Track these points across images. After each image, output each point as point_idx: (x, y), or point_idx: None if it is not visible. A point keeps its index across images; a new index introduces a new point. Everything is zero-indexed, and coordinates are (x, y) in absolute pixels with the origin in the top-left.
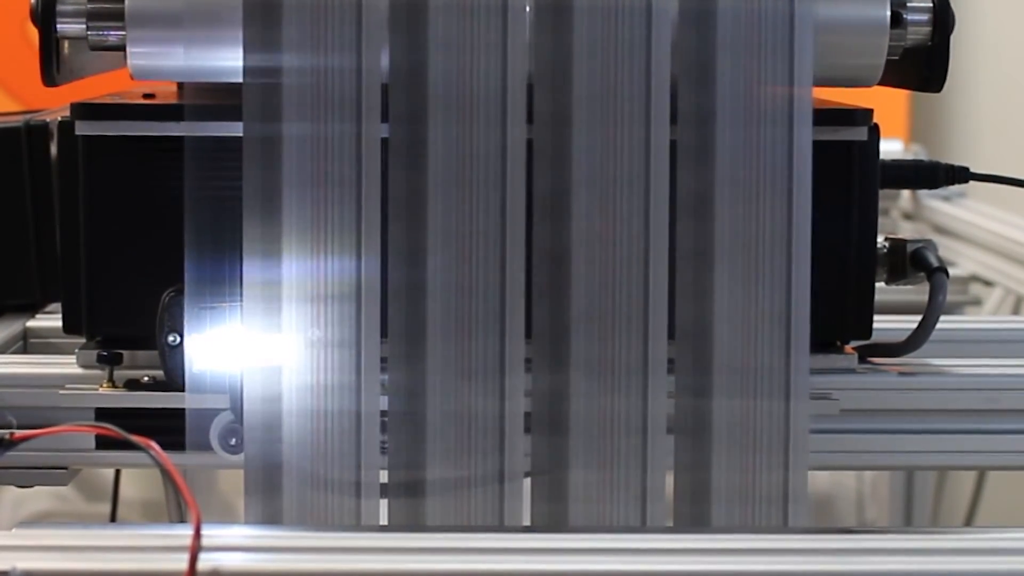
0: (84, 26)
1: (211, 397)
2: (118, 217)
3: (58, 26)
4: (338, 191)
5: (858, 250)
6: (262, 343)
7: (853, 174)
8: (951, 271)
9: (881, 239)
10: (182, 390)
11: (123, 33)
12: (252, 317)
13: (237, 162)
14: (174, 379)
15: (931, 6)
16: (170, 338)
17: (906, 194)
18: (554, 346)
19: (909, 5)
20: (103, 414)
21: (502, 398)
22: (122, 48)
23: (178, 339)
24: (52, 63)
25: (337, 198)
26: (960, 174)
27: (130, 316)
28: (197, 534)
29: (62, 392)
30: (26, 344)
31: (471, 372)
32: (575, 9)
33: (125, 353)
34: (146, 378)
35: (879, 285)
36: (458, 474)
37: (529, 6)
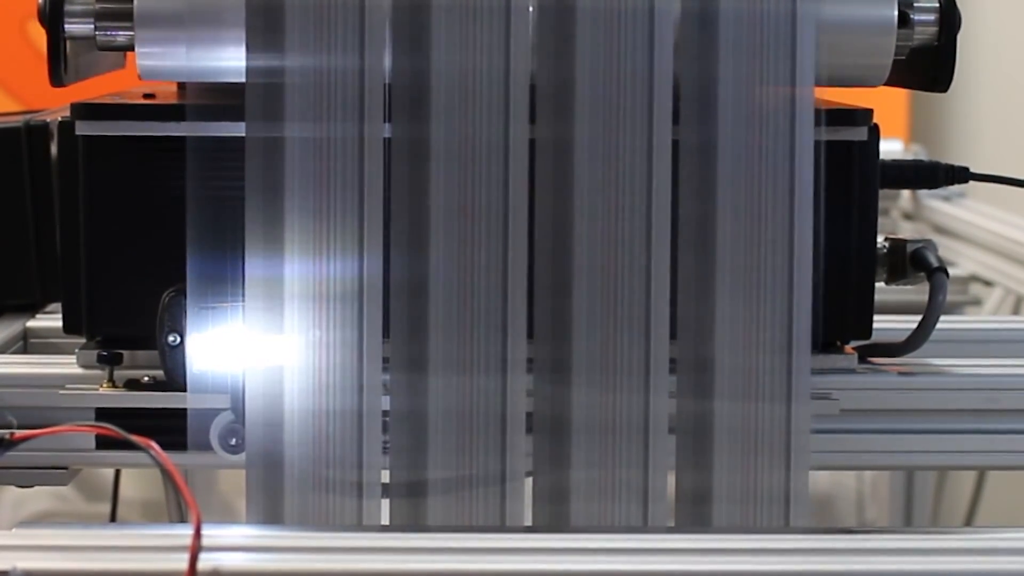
0: (92, 26)
1: (212, 397)
2: (118, 217)
3: (66, 26)
4: (340, 191)
5: (858, 250)
6: (263, 343)
7: (853, 174)
8: (951, 271)
9: (881, 239)
10: (182, 390)
11: (131, 33)
12: (254, 317)
13: (238, 162)
14: (174, 379)
15: (937, 6)
16: (170, 338)
17: (906, 194)
18: (556, 346)
19: (916, 5)
20: (103, 414)
21: (504, 398)
22: (130, 48)
23: (178, 339)
24: (60, 63)
25: (339, 198)
26: (960, 174)
27: (130, 316)
28: (197, 534)
29: (62, 392)
30: (26, 344)
31: (473, 372)
32: (578, 9)
33: (125, 353)
34: (146, 378)
35: (879, 285)
36: (460, 474)
37: (532, 6)
